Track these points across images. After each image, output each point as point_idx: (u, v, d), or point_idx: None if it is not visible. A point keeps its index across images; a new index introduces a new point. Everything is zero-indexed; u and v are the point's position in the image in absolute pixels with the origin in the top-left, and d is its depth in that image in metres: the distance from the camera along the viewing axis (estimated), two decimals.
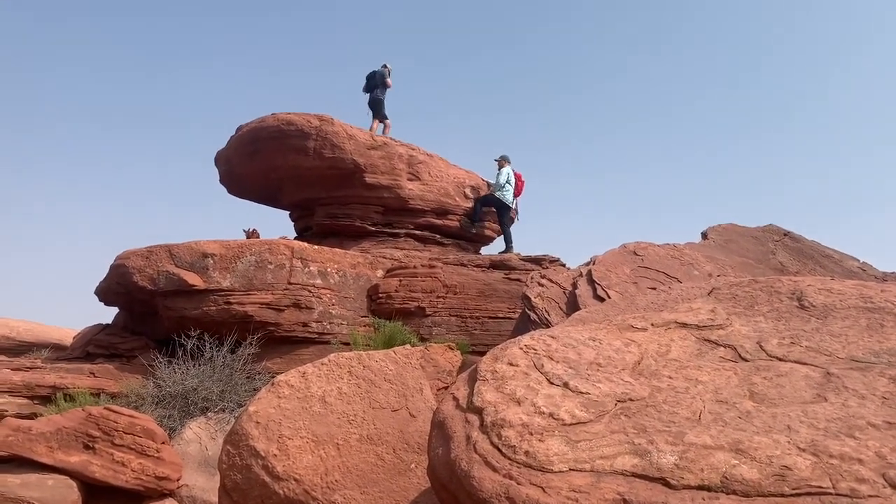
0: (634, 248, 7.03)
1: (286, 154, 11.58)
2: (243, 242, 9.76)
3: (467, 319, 9.89)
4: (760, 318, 2.98)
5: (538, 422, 2.14)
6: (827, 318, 2.88)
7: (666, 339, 2.85)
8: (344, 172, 11.56)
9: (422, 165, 12.21)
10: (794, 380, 2.30)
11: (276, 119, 11.63)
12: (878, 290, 3.11)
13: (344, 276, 9.99)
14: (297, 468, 3.60)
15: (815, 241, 9.49)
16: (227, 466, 3.78)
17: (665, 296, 3.70)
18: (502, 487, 1.91)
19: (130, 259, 9.65)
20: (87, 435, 6.38)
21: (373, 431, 3.87)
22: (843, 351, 2.51)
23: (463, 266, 10.82)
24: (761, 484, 1.70)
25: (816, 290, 3.19)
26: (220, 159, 13.07)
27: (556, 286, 6.51)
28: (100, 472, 6.25)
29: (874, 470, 1.70)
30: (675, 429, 2.02)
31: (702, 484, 1.74)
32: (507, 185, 12.25)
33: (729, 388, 2.29)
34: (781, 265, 8.11)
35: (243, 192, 13.62)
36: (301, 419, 3.82)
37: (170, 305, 9.31)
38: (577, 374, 2.46)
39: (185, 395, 8.21)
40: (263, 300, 9.18)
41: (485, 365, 2.62)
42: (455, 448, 2.17)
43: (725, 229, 9.06)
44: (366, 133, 11.85)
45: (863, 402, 2.07)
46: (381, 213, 11.97)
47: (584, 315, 3.62)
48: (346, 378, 4.14)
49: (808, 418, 2.00)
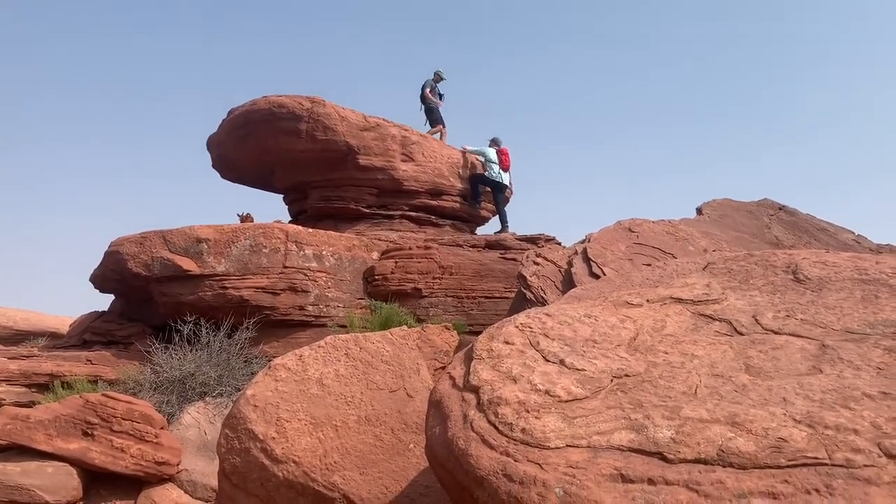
0: (629, 224, 7.03)
1: (278, 137, 11.51)
2: (237, 227, 9.74)
3: (464, 300, 9.91)
4: (756, 292, 2.98)
5: (534, 399, 2.14)
6: (822, 290, 2.88)
7: (661, 314, 2.85)
8: (337, 154, 11.51)
9: (415, 146, 12.16)
10: (789, 352, 2.30)
11: (268, 102, 11.55)
12: (873, 262, 3.11)
13: (339, 259, 9.98)
14: (296, 450, 3.61)
15: (809, 215, 9.50)
16: (225, 450, 3.78)
17: (660, 272, 3.69)
18: (500, 465, 1.91)
19: (124, 245, 9.62)
20: (85, 422, 6.39)
21: (370, 412, 3.88)
22: (838, 323, 2.51)
23: (458, 246, 10.82)
24: (757, 456, 1.70)
25: (811, 263, 3.18)
26: (212, 144, 12.99)
27: (552, 264, 6.51)
28: (99, 458, 6.28)
29: (870, 440, 1.70)
30: (671, 403, 2.02)
31: (698, 457, 1.75)
32: (492, 164, 12.42)
33: (725, 362, 2.29)
34: (776, 239, 8.12)
35: (236, 177, 13.56)
36: (299, 402, 3.82)
37: (165, 291, 9.30)
38: (572, 351, 2.46)
39: (183, 381, 8.23)
40: (259, 284, 9.18)
41: (481, 344, 2.61)
42: (452, 427, 2.17)
43: (720, 204, 9.06)
44: (358, 114, 11.80)
45: (858, 373, 2.07)
46: (375, 195, 11.93)
47: (579, 292, 3.61)
48: (343, 360, 4.13)
49: (803, 390, 2.00)
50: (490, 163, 12.41)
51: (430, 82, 13.90)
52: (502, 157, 12.49)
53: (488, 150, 12.55)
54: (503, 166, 12.48)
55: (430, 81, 13.91)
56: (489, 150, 12.53)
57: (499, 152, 12.52)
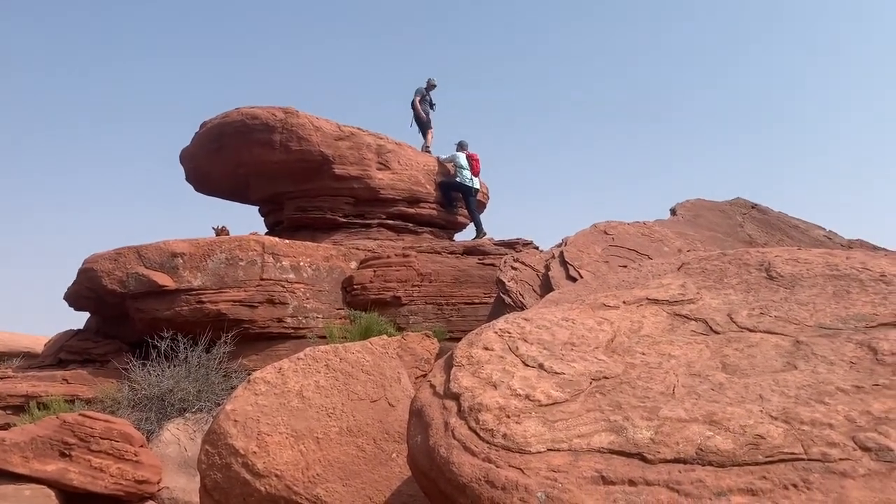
0: (605, 227, 7.08)
1: (252, 148, 11.44)
2: (213, 240, 9.65)
3: (443, 307, 9.90)
4: (730, 291, 3.02)
5: (515, 404, 2.15)
6: (795, 287, 2.92)
7: (638, 315, 2.87)
8: (312, 165, 11.47)
9: (391, 154, 12.16)
10: (764, 349, 2.33)
11: (241, 113, 11.48)
12: (844, 258, 3.16)
13: (317, 270, 9.94)
14: (278, 464, 3.58)
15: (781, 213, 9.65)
16: (206, 466, 3.75)
17: (636, 273, 3.72)
18: (482, 471, 1.91)
19: (98, 262, 9.50)
20: (62, 442, 6.29)
21: (352, 423, 3.86)
22: (811, 319, 2.55)
23: (437, 253, 10.82)
24: (735, 454, 1.72)
25: (784, 261, 3.23)
26: (185, 157, 12.88)
27: (530, 269, 6.54)
28: (78, 479, 6.18)
29: (844, 434, 1.73)
30: (649, 404, 2.03)
31: (677, 457, 1.76)
32: (463, 169, 12.57)
33: (701, 361, 2.31)
34: (750, 237, 8.22)
35: (210, 190, 13.46)
36: (279, 415, 3.79)
37: (141, 307, 9.19)
38: (551, 355, 2.47)
39: (162, 397, 8.13)
40: (236, 297, 9.10)
41: (460, 351, 2.62)
42: (433, 435, 2.17)
43: (694, 205, 9.17)
44: (332, 124, 11.76)
45: (831, 367, 2.11)
46: (351, 205, 11.90)
47: (557, 296, 3.64)
48: (323, 371, 4.12)
49: (779, 387, 2.02)
50: (461, 168, 12.52)
51: (422, 90, 13.86)
52: (473, 163, 12.61)
53: (459, 155, 12.65)
54: (474, 171, 12.60)
55: (421, 90, 13.85)
56: (460, 156, 12.63)
57: (469, 157, 12.63)
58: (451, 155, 12.82)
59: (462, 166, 12.52)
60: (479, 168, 12.75)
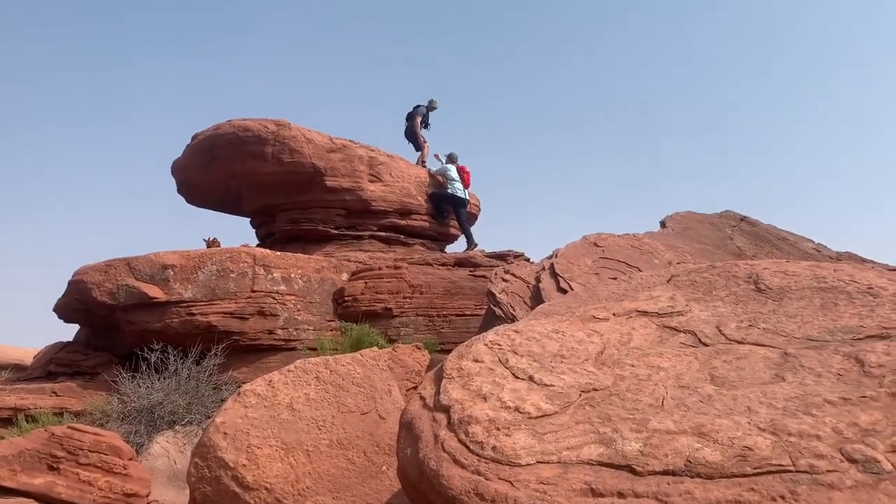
0: (595, 239, 7.11)
1: (244, 161, 11.44)
2: (204, 252, 9.62)
3: (434, 318, 9.89)
4: (719, 303, 3.03)
5: (504, 416, 2.15)
6: (783, 299, 2.94)
7: (627, 327, 2.88)
8: (304, 177, 11.48)
9: (383, 167, 12.18)
10: (752, 361, 2.35)
11: (232, 126, 11.49)
12: (832, 270, 3.19)
13: (308, 282, 9.92)
14: (268, 477, 3.57)
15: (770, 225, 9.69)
16: (196, 479, 3.73)
17: (626, 285, 3.74)
18: (471, 484, 1.91)
19: (88, 274, 9.45)
20: (50, 456, 6.23)
21: (342, 436, 3.85)
22: (799, 331, 2.56)
23: (428, 265, 10.81)
24: (724, 465, 1.73)
25: (772, 273, 3.25)
26: (176, 169, 12.86)
27: (520, 281, 6.55)
28: (65, 492, 6.11)
29: (832, 445, 1.74)
30: (638, 416, 2.04)
31: (666, 469, 1.77)
32: (453, 181, 12.64)
33: (690, 373, 2.32)
34: (739, 250, 8.26)
35: (202, 202, 13.43)
36: (269, 427, 3.78)
37: (131, 319, 9.14)
38: (541, 367, 2.47)
39: (152, 410, 8.07)
40: (227, 309, 9.07)
41: (450, 363, 2.62)
42: (423, 448, 2.17)
43: (683, 217, 9.21)
44: (324, 136, 11.78)
45: (819, 379, 2.12)
46: (343, 217, 11.90)
47: (547, 308, 3.64)
48: (314, 384, 4.11)
49: (767, 399, 2.03)
50: (451, 181, 12.58)
51: (423, 109, 13.94)
52: (463, 175, 12.71)
53: (449, 167, 12.72)
54: (464, 184, 12.68)
55: (422, 109, 13.93)
56: (450, 168, 12.69)
57: (459, 170, 12.72)
58: (442, 167, 12.88)
59: (453, 178, 12.59)
60: (469, 180, 12.85)
